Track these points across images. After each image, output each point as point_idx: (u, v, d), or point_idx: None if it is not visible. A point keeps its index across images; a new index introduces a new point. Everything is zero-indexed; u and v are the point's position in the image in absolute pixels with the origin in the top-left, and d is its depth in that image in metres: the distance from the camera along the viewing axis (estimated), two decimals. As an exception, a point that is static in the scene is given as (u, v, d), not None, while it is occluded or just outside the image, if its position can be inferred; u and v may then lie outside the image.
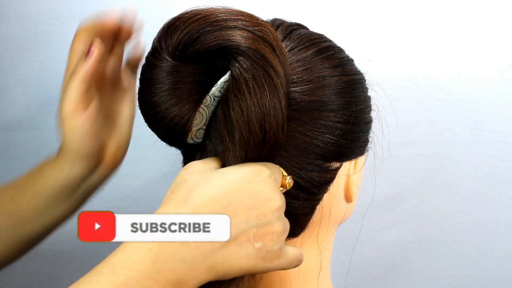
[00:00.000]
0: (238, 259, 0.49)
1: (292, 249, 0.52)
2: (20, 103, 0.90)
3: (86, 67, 0.58)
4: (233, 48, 0.51)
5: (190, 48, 0.52)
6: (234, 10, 0.54)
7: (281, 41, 0.58)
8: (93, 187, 0.68)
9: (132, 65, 0.68)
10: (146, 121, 0.56)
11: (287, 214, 0.55)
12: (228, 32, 0.51)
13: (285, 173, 0.54)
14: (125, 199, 1.00)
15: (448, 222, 0.99)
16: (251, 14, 0.54)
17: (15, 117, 0.97)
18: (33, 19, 0.96)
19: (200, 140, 0.56)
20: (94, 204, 1.00)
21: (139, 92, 0.56)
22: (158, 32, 0.54)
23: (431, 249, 1.00)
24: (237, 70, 0.51)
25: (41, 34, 0.97)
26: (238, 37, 0.51)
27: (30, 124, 0.97)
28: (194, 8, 0.54)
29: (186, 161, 0.60)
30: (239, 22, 0.52)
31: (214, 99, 0.55)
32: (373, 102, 0.63)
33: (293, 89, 0.55)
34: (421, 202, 0.99)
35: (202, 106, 0.54)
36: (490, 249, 1.00)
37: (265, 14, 0.60)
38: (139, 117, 0.80)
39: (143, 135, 0.63)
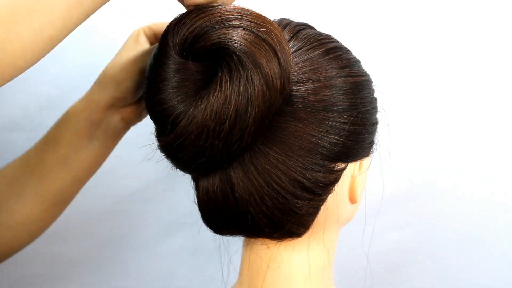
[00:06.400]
0: None
1: None
2: (18, 103, 0.89)
3: None
4: (229, 48, 0.51)
5: (195, 45, 0.52)
6: (242, 8, 0.54)
7: (288, 41, 0.57)
8: (113, 130, 0.71)
9: None
10: (152, 118, 0.56)
11: (292, 214, 0.55)
12: (231, 31, 0.51)
13: None
14: (125, 199, 1.00)
15: (448, 225, 0.99)
16: (258, 14, 0.54)
17: (12, 117, 0.96)
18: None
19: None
20: (94, 204, 1.00)
21: (146, 90, 0.55)
22: (165, 29, 0.54)
23: (432, 253, 1.00)
24: (223, 68, 0.51)
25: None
26: (238, 37, 0.51)
27: (28, 125, 0.96)
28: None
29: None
30: (244, 22, 0.52)
31: None
32: (379, 104, 0.63)
33: (299, 87, 0.55)
34: (421, 206, 0.99)
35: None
36: (491, 253, 0.99)
37: (273, 14, 0.59)
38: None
39: (143, 135, 0.63)
